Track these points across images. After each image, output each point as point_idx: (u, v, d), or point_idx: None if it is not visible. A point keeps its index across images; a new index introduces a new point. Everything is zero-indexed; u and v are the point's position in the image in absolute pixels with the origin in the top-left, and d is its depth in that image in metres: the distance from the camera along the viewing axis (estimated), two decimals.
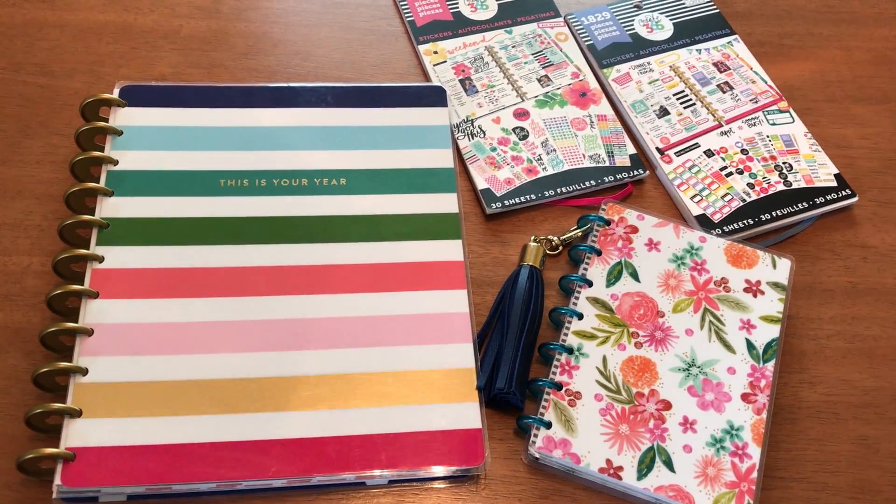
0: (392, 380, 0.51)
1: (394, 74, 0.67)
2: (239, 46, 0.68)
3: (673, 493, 0.48)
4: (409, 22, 0.70)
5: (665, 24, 0.72)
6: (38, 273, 0.55)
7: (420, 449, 0.49)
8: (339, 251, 0.56)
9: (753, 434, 0.50)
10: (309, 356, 0.51)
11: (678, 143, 0.64)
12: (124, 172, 0.57)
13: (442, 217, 0.58)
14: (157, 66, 0.66)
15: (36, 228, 0.57)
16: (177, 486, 0.47)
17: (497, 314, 0.55)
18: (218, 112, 0.61)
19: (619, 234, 0.57)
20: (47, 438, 0.48)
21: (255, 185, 0.58)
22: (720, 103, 0.67)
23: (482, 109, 0.65)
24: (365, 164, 0.60)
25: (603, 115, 0.65)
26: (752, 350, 0.53)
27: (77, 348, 0.50)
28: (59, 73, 0.64)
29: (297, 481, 0.48)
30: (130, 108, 0.60)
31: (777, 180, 0.62)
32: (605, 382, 0.52)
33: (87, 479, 0.46)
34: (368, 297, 0.54)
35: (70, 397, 0.48)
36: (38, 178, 0.59)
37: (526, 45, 0.69)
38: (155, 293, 0.52)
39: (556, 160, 0.62)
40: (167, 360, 0.50)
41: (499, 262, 0.58)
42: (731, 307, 0.55)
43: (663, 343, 0.53)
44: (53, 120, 0.62)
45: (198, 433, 0.48)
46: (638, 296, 0.55)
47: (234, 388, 0.50)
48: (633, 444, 0.50)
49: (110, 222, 0.55)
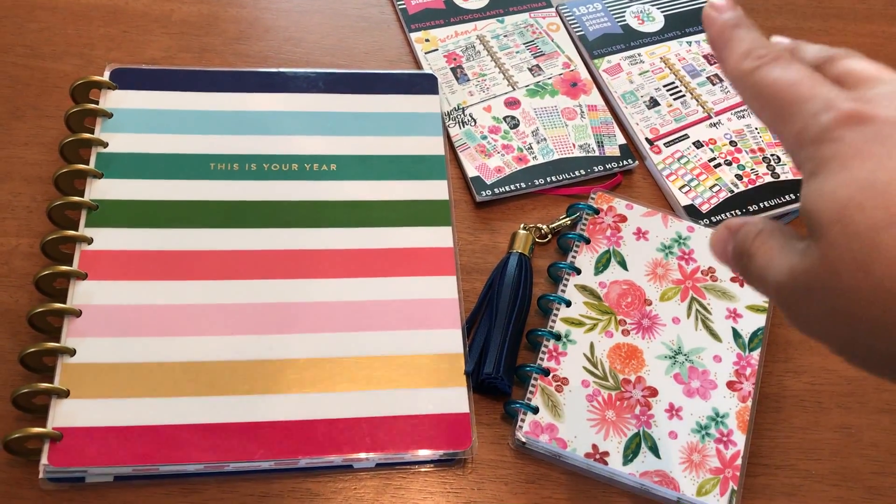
0: (380, 364, 0.51)
1: (385, 61, 0.67)
2: (230, 31, 0.67)
3: (658, 479, 0.49)
4: (401, 9, 0.70)
5: (656, 16, 0.72)
6: (27, 254, 0.55)
7: (407, 433, 0.49)
8: (328, 236, 0.56)
9: (738, 421, 0.51)
10: (297, 339, 0.52)
11: (668, 134, 0.65)
12: (114, 155, 0.57)
13: (432, 204, 0.58)
14: (148, 50, 0.65)
15: (24, 210, 0.57)
16: (164, 468, 0.47)
17: (486, 300, 0.55)
18: (209, 96, 0.61)
19: (607, 223, 0.58)
20: (34, 419, 0.48)
21: (245, 169, 0.58)
22: (710, 95, 0.67)
23: (473, 98, 0.65)
24: (356, 149, 0.60)
25: (593, 106, 0.66)
26: (738, 339, 0.54)
27: (65, 329, 0.50)
28: (49, 55, 0.64)
29: (284, 463, 0.48)
30: (121, 91, 0.60)
31: (765, 172, 0.63)
32: (592, 369, 0.52)
33: (74, 459, 0.46)
34: (358, 282, 0.54)
35: (57, 378, 0.48)
36: (26, 160, 0.59)
37: (518, 35, 0.69)
38: (143, 275, 0.52)
39: (546, 149, 0.63)
40: (155, 342, 0.50)
41: (488, 249, 0.59)
42: (718, 296, 0.55)
43: (650, 331, 0.54)
44: (43, 102, 0.62)
45: (185, 415, 0.48)
46: (626, 284, 0.55)
47: (222, 370, 0.50)
48: (620, 429, 0.50)
49: (99, 204, 0.54)
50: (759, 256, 0.32)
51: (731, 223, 0.34)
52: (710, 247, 0.35)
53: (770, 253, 0.31)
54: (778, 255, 0.31)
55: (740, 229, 0.33)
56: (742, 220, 0.34)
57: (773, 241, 0.32)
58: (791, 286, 0.30)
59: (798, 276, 0.29)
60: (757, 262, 0.32)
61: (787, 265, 0.30)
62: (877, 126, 0.28)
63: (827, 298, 0.28)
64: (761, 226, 0.33)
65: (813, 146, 0.29)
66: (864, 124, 0.28)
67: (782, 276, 0.30)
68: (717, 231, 0.35)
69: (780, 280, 0.30)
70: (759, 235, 0.32)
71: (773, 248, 0.31)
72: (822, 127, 0.29)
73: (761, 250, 0.32)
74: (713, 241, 0.35)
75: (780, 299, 0.31)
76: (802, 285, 0.29)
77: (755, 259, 0.32)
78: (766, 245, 0.32)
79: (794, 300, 0.30)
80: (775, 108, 0.31)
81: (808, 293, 0.29)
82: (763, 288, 0.32)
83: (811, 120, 0.29)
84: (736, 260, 0.33)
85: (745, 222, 0.33)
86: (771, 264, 0.31)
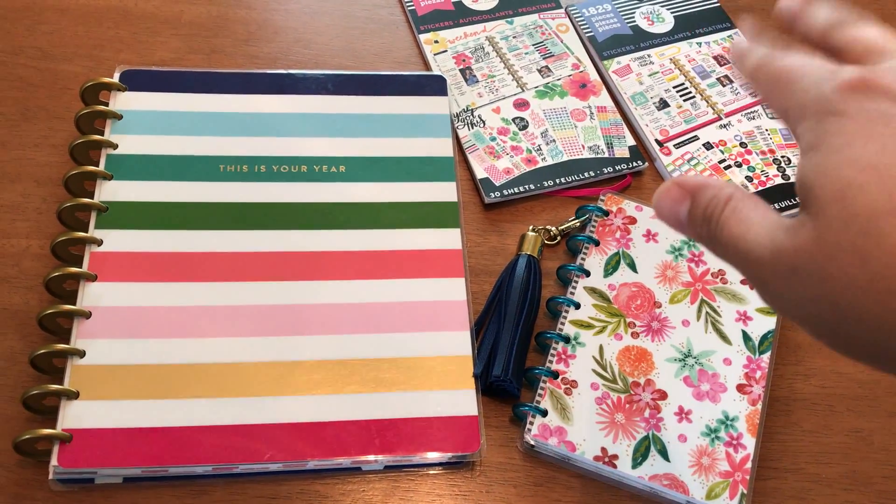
0: (389, 366, 0.51)
1: (394, 63, 0.67)
2: (240, 33, 0.67)
3: (667, 482, 0.49)
4: (410, 11, 0.70)
5: (666, 17, 0.72)
6: (37, 255, 0.55)
7: (416, 435, 0.49)
8: (337, 238, 0.56)
9: (748, 425, 0.51)
10: (306, 342, 0.52)
11: (677, 136, 0.64)
12: (123, 156, 0.57)
13: (441, 206, 0.58)
14: (157, 52, 0.66)
15: (35, 211, 0.57)
16: (173, 469, 0.47)
17: (494, 303, 0.55)
18: (218, 98, 0.61)
19: (617, 225, 0.58)
20: (44, 420, 0.48)
21: (254, 170, 0.58)
22: (720, 96, 0.67)
23: (482, 99, 0.65)
24: (364, 151, 0.60)
25: (603, 107, 0.65)
26: (748, 341, 0.53)
27: (74, 331, 0.50)
28: (59, 56, 0.64)
29: (292, 465, 0.48)
30: (130, 93, 0.60)
31: (775, 174, 0.63)
32: (602, 372, 0.52)
33: (83, 461, 0.46)
34: (366, 284, 0.54)
35: (67, 379, 0.48)
36: (37, 161, 0.59)
37: (527, 36, 0.69)
38: (153, 277, 0.52)
39: (555, 151, 0.62)
40: (164, 344, 0.50)
41: (497, 251, 0.58)
42: (728, 299, 0.55)
43: (660, 333, 0.53)
44: (53, 103, 0.62)
45: (194, 416, 0.48)
46: (635, 286, 0.55)
47: (231, 372, 0.50)
48: (629, 433, 0.50)
49: (109, 205, 0.55)
50: (732, 225, 0.29)
51: (685, 182, 0.31)
52: (655, 203, 0.32)
53: (745, 223, 0.29)
54: (757, 227, 0.29)
55: (701, 190, 0.31)
56: (700, 180, 0.31)
57: (747, 210, 0.30)
58: (773, 263, 0.28)
59: (783, 255, 0.28)
60: (729, 231, 0.30)
61: (768, 240, 0.28)
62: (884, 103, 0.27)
63: (814, 282, 0.27)
64: (730, 191, 0.30)
65: (815, 118, 0.28)
66: (870, 95, 0.27)
67: (762, 251, 0.28)
68: (666, 189, 0.32)
69: (759, 255, 0.28)
70: (730, 202, 0.30)
71: (749, 218, 0.29)
72: (823, 96, 0.28)
73: (733, 218, 0.30)
74: (659, 198, 0.32)
75: (755, 275, 0.29)
76: (786, 265, 0.28)
77: (726, 227, 0.30)
78: (740, 213, 0.30)
79: (774, 278, 0.28)
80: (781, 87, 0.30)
81: (792, 274, 0.27)
82: (736, 260, 0.30)
83: (813, 90, 0.28)
84: (697, 225, 0.31)
85: (705, 184, 0.31)
86: (746, 236, 0.29)
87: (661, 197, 0.32)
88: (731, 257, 0.30)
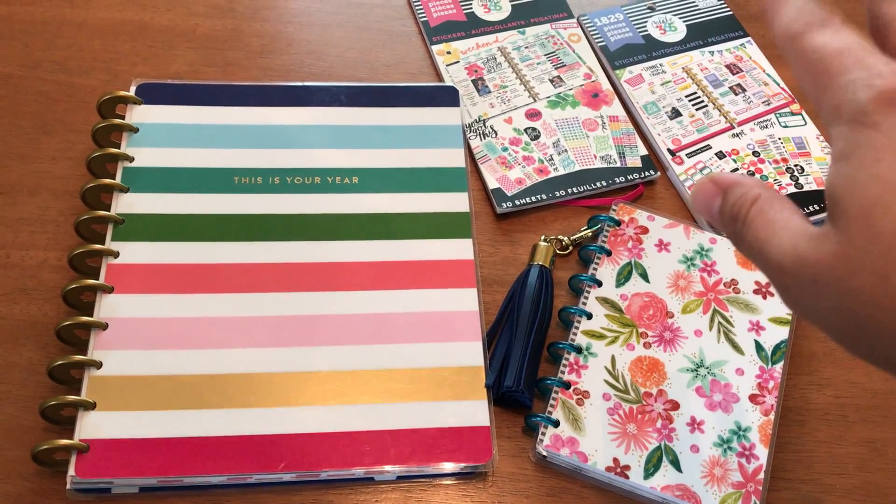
0: (401, 376, 0.52)
1: (407, 74, 0.68)
2: (254, 45, 0.68)
3: (679, 493, 0.49)
4: (422, 22, 0.71)
5: (678, 26, 0.72)
6: (55, 267, 0.56)
7: (429, 445, 0.49)
8: (350, 249, 0.56)
9: (761, 435, 0.50)
10: (320, 352, 0.52)
11: (690, 145, 0.64)
12: (140, 169, 0.58)
13: (453, 216, 0.58)
14: (173, 65, 0.66)
15: (52, 223, 0.58)
16: (188, 479, 0.48)
17: (506, 313, 0.55)
18: (233, 110, 0.61)
19: (629, 235, 0.58)
20: (62, 430, 0.49)
21: (268, 182, 0.58)
22: (732, 105, 0.67)
23: (494, 110, 0.65)
24: (377, 162, 0.60)
25: (615, 116, 0.66)
26: (761, 351, 0.53)
27: (91, 342, 0.51)
28: (76, 70, 0.65)
29: (306, 476, 0.49)
30: (146, 106, 0.61)
31: (788, 182, 0.63)
32: (614, 382, 0.52)
33: (100, 471, 0.47)
34: (379, 295, 0.54)
35: (84, 390, 0.49)
36: (55, 174, 0.60)
37: (539, 46, 0.70)
38: (169, 288, 0.53)
39: (567, 160, 0.63)
40: (180, 355, 0.51)
41: (509, 261, 0.59)
42: (741, 309, 0.55)
43: (672, 343, 0.53)
44: (71, 117, 0.63)
45: (209, 427, 0.49)
46: (647, 296, 0.55)
47: (245, 382, 0.50)
48: (641, 443, 0.50)
49: (125, 218, 0.55)
50: (758, 227, 0.30)
51: (720, 178, 0.32)
52: (692, 198, 0.33)
53: (771, 226, 0.29)
54: (781, 232, 0.29)
55: (732, 188, 0.31)
56: (734, 177, 0.31)
57: (772, 213, 0.30)
58: (795, 271, 0.28)
59: (806, 264, 0.28)
60: (754, 233, 0.30)
61: (791, 247, 0.28)
62: None
63: (835, 294, 0.27)
64: (758, 191, 0.30)
65: (847, 125, 0.27)
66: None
67: (786, 258, 0.28)
68: (702, 184, 0.32)
69: (782, 262, 0.29)
70: (756, 202, 0.30)
71: (775, 221, 0.29)
72: (858, 105, 0.27)
73: (759, 220, 0.30)
74: (695, 193, 0.33)
75: (778, 280, 0.29)
76: (809, 274, 0.28)
77: (751, 229, 0.30)
78: (766, 216, 0.30)
79: (797, 286, 0.28)
80: (816, 75, 0.29)
81: (813, 284, 0.28)
82: (759, 262, 0.30)
83: (849, 94, 0.27)
84: (726, 222, 0.31)
85: (737, 182, 0.31)
86: (772, 240, 0.29)
87: (696, 192, 0.33)
88: (755, 259, 0.30)
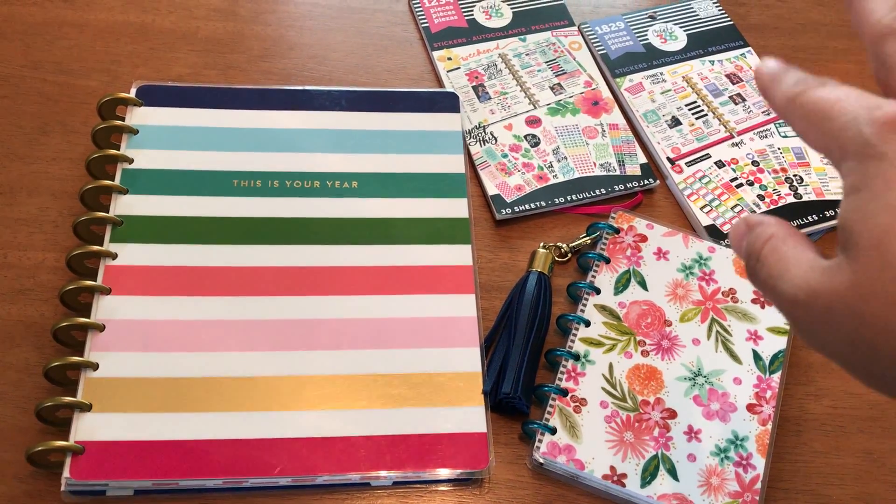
0: (398, 381, 0.51)
1: (408, 80, 0.68)
2: (255, 49, 0.68)
3: (676, 502, 0.48)
4: (423, 28, 0.71)
5: (679, 35, 0.72)
6: (52, 268, 0.56)
7: (425, 451, 0.49)
8: (349, 253, 0.56)
9: (758, 445, 0.50)
10: (317, 357, 0.52)
11: (689, 154, 0.64)
12: (139, 171, 0.58)
13: (452, 222, 0.58)
14: (173, 67, 0.66)
15: (51, 224, 0.58)
16: (183, 482, 0.48)
17: (504, 319, 0.55)
18: (233, 113, 0.61)
19: (628, 243, 0.58)
20: (57, 431, 0.49)
21: (267, 186, 0.58)
22: (732, 115, 0.67)
23: (494, 116, 0.65)
24: (377, 167, 0.60)
25: (615, 124, 0.66)
26: (759, 361, 0.53)
27: (88, 343, 0.51)
28: (77, 71, 0.65)
29: (302, 480, 0.48)
30: (147, 108, 0.61)
31: (787, 192, 0.63)
32: (611, 390, 0.52)
33: (95, 473, 0.47)
34: (377, 300, 0.54)
35: (80, 391, 0.49)
36: (54, 175, 0.60)
37: (539, 54, 0.70)
38: (166, 291, 0.53)
39: (566, 168, 0.63)
40: (177, 357, 0.51)
41: (507, 267, 0.59)
42: (739, 318, 0.55)
43: (670, 352, 0.53)
44: (71, 118, 0.63)
45: (205, 430, 0.49)
46: (645, 304, 0.55)
47: (242, 386, 0.50)
48: (638, 451, 0.50)
49: (124, 219, 0.55)
50: (770, 264, 0.31)
51: (750, 219, 0.33)
52: (730, 239, 0.34)
53: (783, 262, 0.30)
54: (793, 267, 0.30)
55: (752, 228, 0.32)
56: (756, 218, 0.32)
57: (785, 249, 0.30)
58: (808, 303, 0.29)
59: (819, 295, 0.28)
60: (767, 270, 0.31)
61: (803, 280, 0.29)
62: None
63: (848, 324, 0.27)
64: (772, 230, 0.31)
65: (855, 159, 0.28)
66: None
67: (799, 291, 0.29)
68: (737, 225, 0.33)
69: (795, 295, 0.29)
70: (769, 240, 0.31)
71: (787, 257, 0.30)
72: (863, 138, 0.27)
73: (772, 257, 0.31)
74: (732, 234, 0.34)
75: (792, 314, 0.30)
76: (822, 305, 0.28)
77: (765, 266, 0.31)
78: (778, 252, 0.30)
79: (810, 318, 0.29)
80: (819, 122, 0.29)
81: (828, 314, 0.28)
82: (773, 297, 0.31)
83: (853, 131, 0.28)
84: (744, 261, 0.32)
85: (757, 221, 0.32)
86: (784, 276, 0.30)
87: (731, 232, 0.34)
88: (769, 294, 0.31)
